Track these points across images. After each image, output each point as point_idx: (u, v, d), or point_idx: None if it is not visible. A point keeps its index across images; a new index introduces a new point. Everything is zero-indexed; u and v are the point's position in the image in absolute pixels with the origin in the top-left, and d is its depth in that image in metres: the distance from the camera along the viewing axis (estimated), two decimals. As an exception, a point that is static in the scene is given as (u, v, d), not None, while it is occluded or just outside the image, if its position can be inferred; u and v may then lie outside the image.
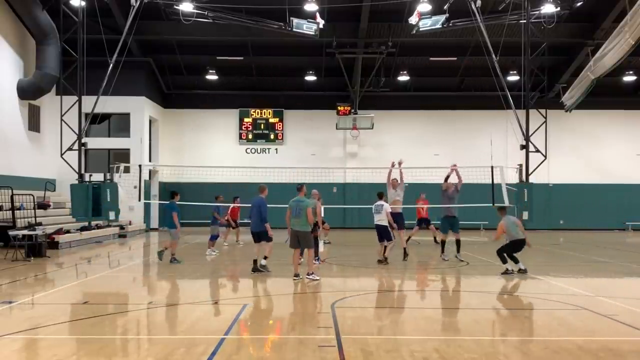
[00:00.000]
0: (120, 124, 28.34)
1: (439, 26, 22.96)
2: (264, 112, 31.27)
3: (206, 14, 22.66)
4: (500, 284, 12.42)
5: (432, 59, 29.19)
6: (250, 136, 31.19)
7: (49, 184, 23.42)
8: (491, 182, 18.28)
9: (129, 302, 10.69)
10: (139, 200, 22.22)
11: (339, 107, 29.92)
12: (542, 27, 23.06)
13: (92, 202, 20.45)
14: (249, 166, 27.38)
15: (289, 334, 7.91)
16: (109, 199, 20.62)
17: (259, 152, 31.34)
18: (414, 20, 22.90)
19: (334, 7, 24.38)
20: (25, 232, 16.33)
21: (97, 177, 21.79)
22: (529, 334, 8.23)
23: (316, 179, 23.44)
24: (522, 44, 22.41)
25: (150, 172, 28.10)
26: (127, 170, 22.80)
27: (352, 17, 25.50)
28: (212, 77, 29.75)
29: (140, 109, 27.96)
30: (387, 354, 6.69)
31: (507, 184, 18.65)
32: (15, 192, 19.13)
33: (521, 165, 22.34)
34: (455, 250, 15.71)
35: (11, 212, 18.76)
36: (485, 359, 6.59)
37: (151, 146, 29.86)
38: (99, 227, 23.35)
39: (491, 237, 16.83)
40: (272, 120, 31.28)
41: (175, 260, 15.22)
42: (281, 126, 31.19)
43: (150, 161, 29.02)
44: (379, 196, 15.35)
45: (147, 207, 28.39)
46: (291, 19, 22.50)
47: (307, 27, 22.57)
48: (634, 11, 16.63)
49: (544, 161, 22.99)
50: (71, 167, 21.73)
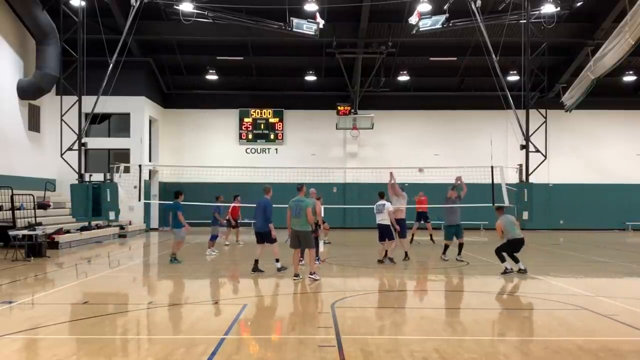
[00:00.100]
0: (120, 124, 28.34)
1: (439, 26, 22.96)
2: (264, 112, 31.26)
3: (206, 14, 22.65)
4: (500, 284, 12.43)
5: (432, 59, 29.18)
6: (250, 136, 31.19)
7: (49, 184, 23.44)
8: (491, 182, 18.29)
9: (129, 302, 10.69)
10: (139, 200, 22.22)
11: (339, 107, 29.90)
12: (542, 27, 23.04)
13: (92, 202, 20.41)
14: (249, 166, 27.38)
15: (289, 334, 7.91)
16: (109, 199, 20.60)
17: (259, 152, 31.33)
18: (414, 20, 22.90)
19: (334, 7, 24.38)
20: (25, 232, 16.34)
21: (97, 177, 21.77)
22: (529, 334, 8.23)
23: (316, 179, 23.45)
24: (522, 44, 22.39)
25: (150, 172, 28.10)
26: (127, 170, 22.81)
27: (352, 17, 25.49)
28: (212, 77, 29.75)
29: (140, 109, 27.96)
30: (387, 354, 6.70)
31: (507, 184, 18.65)
32: (15, 192, 19.14)
33: (521, 165, 22.31)
34: (456, 252, 15.85)
35: (11, 212, 18.77)
36: (485, 359, 6.59)
37: (151, 146, 29.86)
38: (99, 227, 23.36)
39: (491, 237, 16.85)
40: (272, 120, 31.27)
41: (175, 260, 15.23)
42: (281, 126, 31.18)
43: (150, 161, 29.02)
44: (380, 196, 15.37)
45: (147, 207, 28.39)
46: (291, 19, 22.49)
47: (307, 27, 22.56)
48: (634, 11, 16.62)
49: (544, 161, 22.96)
50: (71, 167, 21.72)
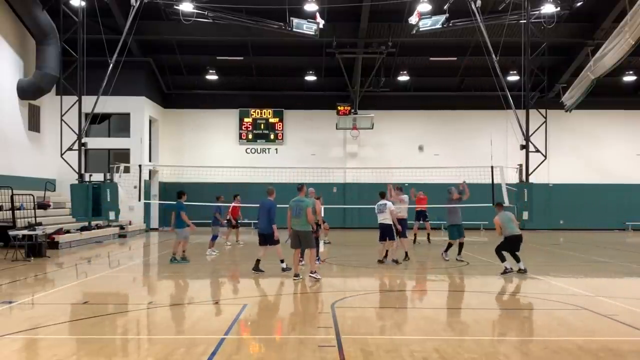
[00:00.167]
0: (120, 124, 28.33)
1: (439, 26, 22.96)
2: (264, 112, 31.26)
3: (206, 14, 22.65)
4: (500, 284, 12.43)
5: (432, 59, 29.18)
6: (250, 136, 31.18)
7: (49, 184, 23.44)
8: (491, 182, 18.31)
9: (129, 302, 10.69)
10: (139, 200, 22.24)
11: (339, 107, 29.90)
12: (542, 27, 23.03)
13: (92, 202, 20.40)
14: (249, 166, 27.39)
15: (289, 334, 7.91)
16: (109, 199, 20.59)
17: (259, 152, 31.32)
18: (414, 20, 22.90)
19: (334, 7, 24.38)
20: (25, 232, 16.33)
21: (97, 177, 21.76)
22: (529, 334, 8.23)
23: (316, 179, 23.48)
24: (522, 44, 22.37)
25: (150, 172, 28.10)
26: (127, 170, 22.83)
27: (352, 17, 25.49)
28: (212, 77, 29.75)
29: (140, 109, 27.96)
30: (387, 354, 6.70)
31: (507, 184, 18.68)
32: (15, 192, 19.14)
33: (521, 165, 22.30)
34: (457, 252, 15.90)
35: (11, 212, 18.77)
36: (485, 359, 6.59)
37: (151, 146, 29.85)
38: (99, 227, 23.36)
39: (492, 237, 16.86)
40: (272, 120, 31.26)
41: (175, 260, 15.23)
42: (281, 126, 31.17)
43: (150, 161, 29.01)
44: (381, 195, 15.37)
45: (147, 207, 28.39)
46: (291, 19, 22.49)
47: (307, 27, 22.56)
48: (634, 11, 16.61)
49: (544, 161, 22.96)
50: (71, 167, 21.72)
